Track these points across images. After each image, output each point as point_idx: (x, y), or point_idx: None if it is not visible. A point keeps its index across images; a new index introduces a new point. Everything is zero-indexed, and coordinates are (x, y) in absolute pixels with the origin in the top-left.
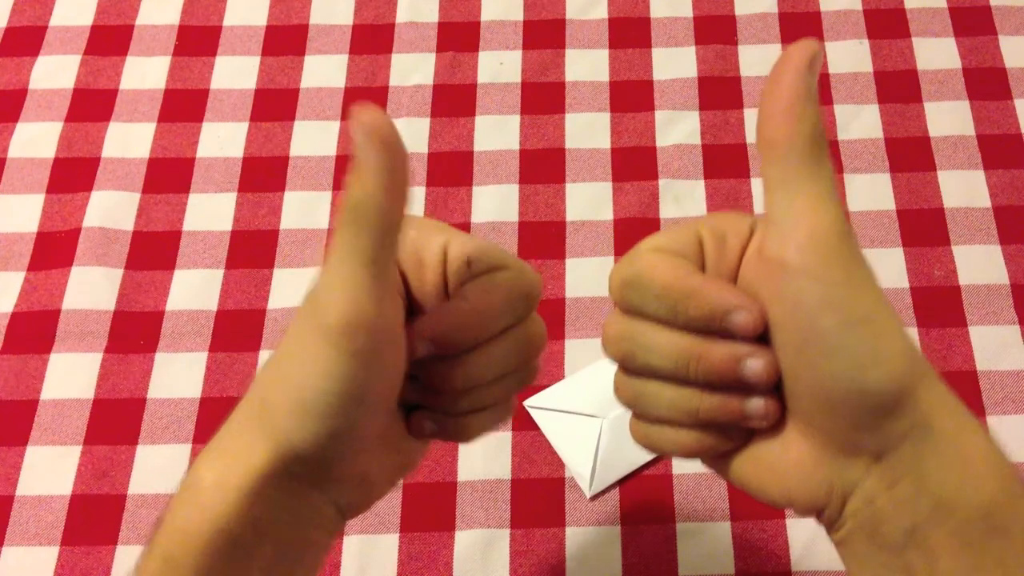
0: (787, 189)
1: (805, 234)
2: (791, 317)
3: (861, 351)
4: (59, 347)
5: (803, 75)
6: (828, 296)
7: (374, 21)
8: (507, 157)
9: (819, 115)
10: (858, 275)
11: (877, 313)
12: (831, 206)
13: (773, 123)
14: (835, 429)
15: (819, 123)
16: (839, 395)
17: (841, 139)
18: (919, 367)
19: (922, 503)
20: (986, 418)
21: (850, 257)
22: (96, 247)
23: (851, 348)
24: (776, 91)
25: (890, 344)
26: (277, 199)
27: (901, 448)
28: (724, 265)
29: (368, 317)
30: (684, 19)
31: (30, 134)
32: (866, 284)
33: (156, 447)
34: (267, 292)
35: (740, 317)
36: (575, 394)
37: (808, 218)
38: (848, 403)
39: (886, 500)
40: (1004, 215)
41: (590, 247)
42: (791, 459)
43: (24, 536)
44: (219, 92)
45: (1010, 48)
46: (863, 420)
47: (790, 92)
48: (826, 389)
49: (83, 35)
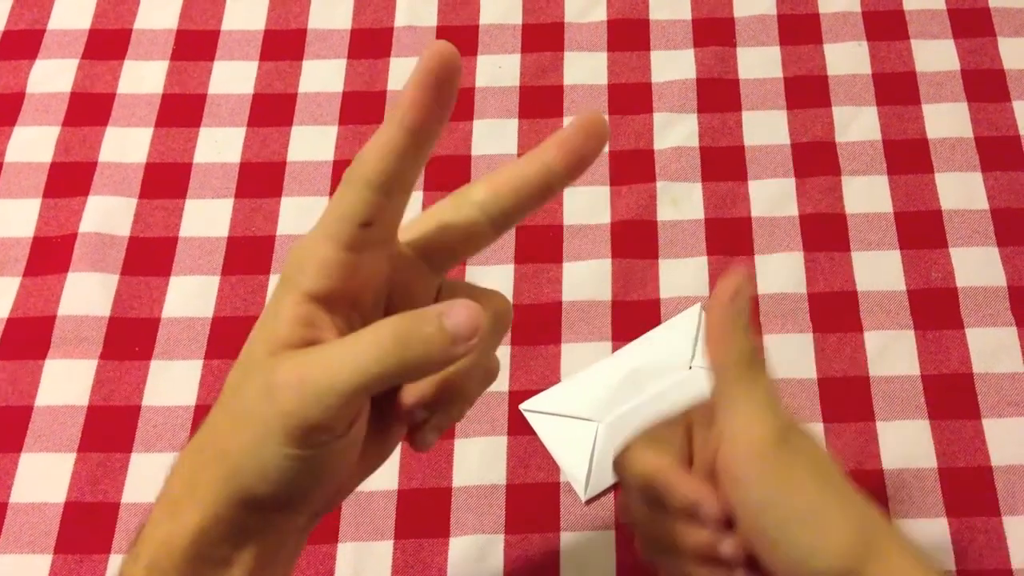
0: (728, 406)
1: (743, 449)
2: (742, 515)
3: (800, 544)
4: (54, 353)
5: (727, 308)
6: (764, 500)
7: (372, 25)
8: (505, 161)
9: (748, 338)
10: (796, 477)
11: (816, 509)
12: (767, 417)
13: (709, 350)
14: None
15: (748, 345)
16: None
17: (839, 141)
18: (868, 549)
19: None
20: (982, 421)
21: (787, 463)
22: (92, 252)
23: (791, 542)
24: (709, 323)
25: (830, 537)
26: (274, 205)
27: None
28: (708, 453)
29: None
30: (683, 21)
31: (27, 138)
32: (805, 484)
33: (150, 455)
34: (263, 299)
35: (703, 511)
36: (571, 398)
37: (744, 434)
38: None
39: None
40: (1002, 217)
41: (587, 250)
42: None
43: (17, 544)
44: (217, 97)
45: (1009, 50)
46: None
47: (719, 323)
48: (781, 571)
49: (81, 39)
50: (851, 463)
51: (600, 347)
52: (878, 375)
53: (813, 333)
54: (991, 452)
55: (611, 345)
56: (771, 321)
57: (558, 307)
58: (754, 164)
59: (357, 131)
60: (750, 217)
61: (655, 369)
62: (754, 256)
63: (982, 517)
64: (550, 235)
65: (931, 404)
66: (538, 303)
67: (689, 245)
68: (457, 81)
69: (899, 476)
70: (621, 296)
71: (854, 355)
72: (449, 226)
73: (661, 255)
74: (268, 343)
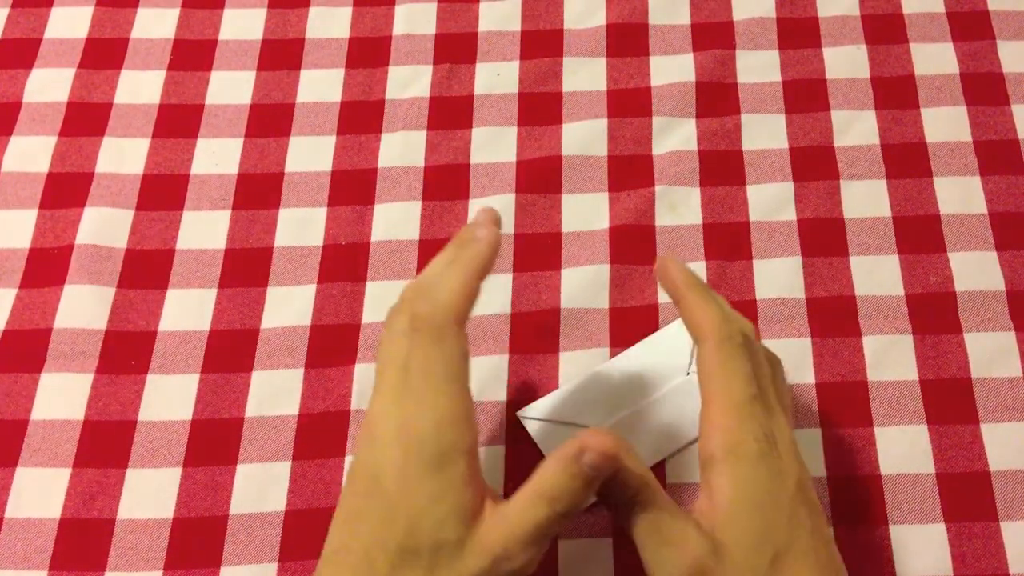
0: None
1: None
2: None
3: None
4: (50, 366)
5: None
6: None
7: (370, 34)
8: (504, 169)
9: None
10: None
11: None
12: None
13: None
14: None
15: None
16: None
17: (838, 145)
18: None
19: None
20: (981, 426)
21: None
22: (89, 265)
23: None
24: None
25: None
26: (272, 216)
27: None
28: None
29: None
30: (682, 26)
31: (23, 148)
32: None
33: (147, 471)
34: (260, 311)
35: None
36: (568, 404)
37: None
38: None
39: None
40: (1001, 221)
41: (586, 256)
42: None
43: (12, 560)
44: (214, 107)
45: (1008, 53)
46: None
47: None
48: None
49: (77, 48)
50: (849, 468)
51: (598, 354)
52: (876, 380)
53: (811, 338)
54: (989, 457)
55: (609, 352)
56: (769, 326)
57: (556, 314)
58: (752, 168)
59: (355, 141)
60: (748, 222)
61: (653, 375)
62: (752, 261)
63: (980, 522)
64: (548, 242)
65: (929, 409)
66: (536, 310)
67: (687, 250)
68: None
69: (897, 481)
70: (619, 303)
71: (852, 360)
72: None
73: None
74: (461, 516)
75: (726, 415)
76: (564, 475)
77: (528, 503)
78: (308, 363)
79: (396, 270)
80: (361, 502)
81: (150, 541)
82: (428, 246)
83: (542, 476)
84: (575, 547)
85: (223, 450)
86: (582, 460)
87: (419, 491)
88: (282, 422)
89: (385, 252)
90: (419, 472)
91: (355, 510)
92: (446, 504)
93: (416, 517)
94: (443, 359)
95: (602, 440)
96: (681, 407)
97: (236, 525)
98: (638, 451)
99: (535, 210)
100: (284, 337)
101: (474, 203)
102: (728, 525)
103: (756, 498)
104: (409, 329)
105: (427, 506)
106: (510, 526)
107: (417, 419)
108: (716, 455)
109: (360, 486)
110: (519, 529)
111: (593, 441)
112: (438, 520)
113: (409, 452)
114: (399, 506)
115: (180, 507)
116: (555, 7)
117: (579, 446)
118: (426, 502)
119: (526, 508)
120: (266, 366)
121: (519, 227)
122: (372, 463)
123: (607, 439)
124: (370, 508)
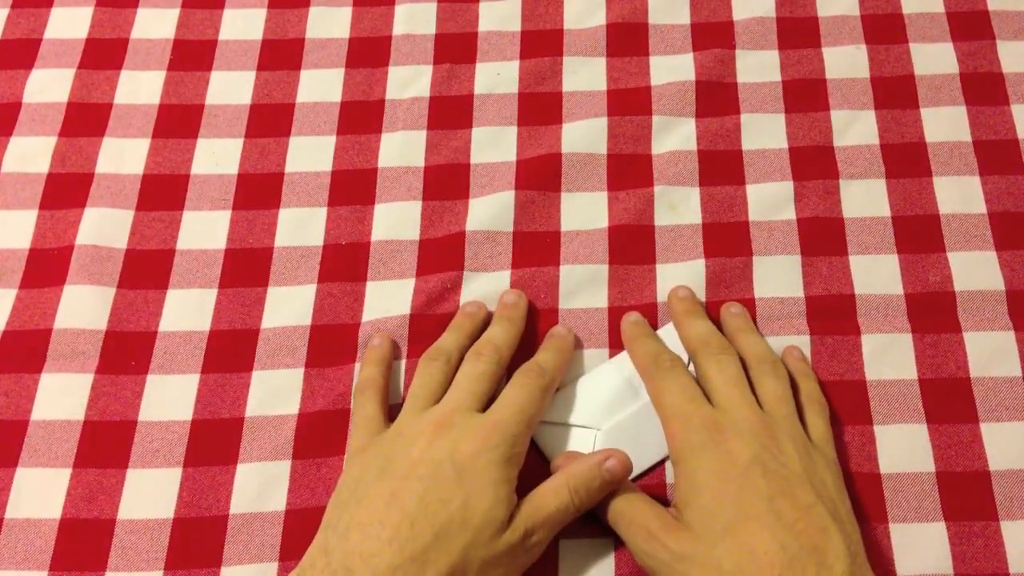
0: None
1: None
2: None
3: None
4: (50, 366)
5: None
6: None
7: (370, 34)
8: (504, 168)
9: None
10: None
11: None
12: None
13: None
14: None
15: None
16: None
17: (837, 145)
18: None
19: None
20: (980, 425)
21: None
22: (89, 265)
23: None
24: (623, 333)
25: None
26: (272, 216)
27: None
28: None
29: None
30: (682, 25)
31: (23, 148)
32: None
33: (147, 471)
34: (260, 311)
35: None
36: (569, 405)
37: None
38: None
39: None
40: (1000, 221)
41: (584, 255)
42: None
43: (12, 560)
44: (214, 107)
45: (1008, 53)
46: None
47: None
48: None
49: (77, 48)
50: (848, 467)
51: (597, 353)
52: (875, 379)
53: (811, 336)
54: (989, 456)
55: (608, 352)
56: (769, 324)
57: (555, 314)
58: (752, 168)
59: (355, 141)
60: (748, 221)
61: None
62: (752, 260)
63: (980, 522)
64: (547, 241)
65: (928, 408)
66: (535, 310)
67: (687, 250)
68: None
69: (896, 479)
70: (618, 302)
71: (851, 359)
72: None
73: (659, 260)
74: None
75: (668, 424)
76: (589, 473)
77: (556, 491)
78: (308, 363)
79: (396, 270)
80: (415, 483)
81: (150, 541)
82: (428, 246)
83: (570, 472)
84: (575, 547)
85: (223, 450)
86: (604, 465)
87: (487, 478)
88: (282, 422)
89: (385, 252)
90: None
91: (397, 490)
92: (504, 491)
93: (476, 499)
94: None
95: (623, 454)
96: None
97: (236, 525)
98: (640, 451)
99: (534, 208)
100: (284, 337)
101: (474, 203)
102: (685, 508)
103: (701, 481)
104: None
105: (488, 489)
106: (539, 508)
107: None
108: (673, 459)
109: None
110: (544, 512)
111: (617, 452)
112: (496, 501)
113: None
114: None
115: (180, 507)
116: (555, 7)
117: (606, 454)
118: (490, 487)
119: (554, 494)
120: (266, 366)
121: (519, 225)
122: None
123: (624, 454)
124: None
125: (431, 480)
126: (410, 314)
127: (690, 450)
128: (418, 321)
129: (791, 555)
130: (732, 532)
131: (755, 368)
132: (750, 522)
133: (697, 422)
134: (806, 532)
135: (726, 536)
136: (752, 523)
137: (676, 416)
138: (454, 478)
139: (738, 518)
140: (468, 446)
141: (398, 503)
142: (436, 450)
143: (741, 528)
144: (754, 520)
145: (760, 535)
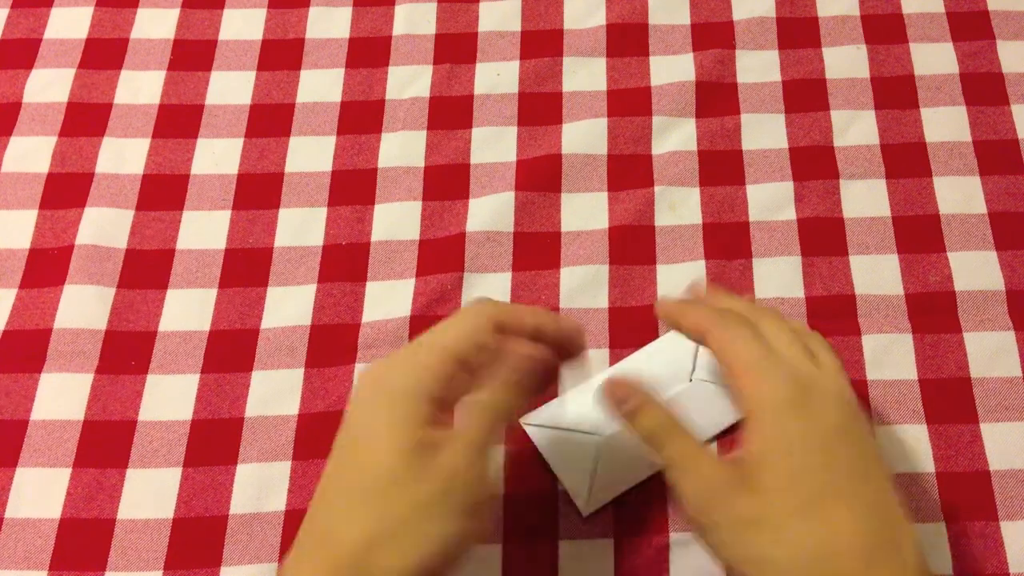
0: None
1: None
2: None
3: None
4: (50, 366)
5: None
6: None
7: (370, 34)
8: (504, 169)
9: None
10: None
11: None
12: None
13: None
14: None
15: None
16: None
17: (837, 145)
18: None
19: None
20: (980, 425)
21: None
22: (89, 265)
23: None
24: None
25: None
26: (272, 216)
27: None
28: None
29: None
30: (682, 26)
31: (23, 148)
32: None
33: (146, 471)
34: (260, 311)
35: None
36: (572, 411)
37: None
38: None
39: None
40: (1000, 221)
41: (585, 256)
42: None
43: (12, 560)
44: (214, 107)
45: (1008, 53)
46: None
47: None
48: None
49: (77, 48)
50: None
51: (598, 354)
52: (876, 379)
53: None
54: (989, 457)
55: (608, 352)
56: None
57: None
58: (752, 168)
59: (355, 141)
60: (748, 221)
61: (656, 382)
62: (752, 260)
63: (980, 522)
64: (547, 241)
65: (928, 408)
66: None
67: (687, 250)
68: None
69: (897, 479)
70: (619, 302)
71: (852, 359)
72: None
73: (659, 260)
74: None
75: (745, 376)
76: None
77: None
78: (308, 363)
79: (396, 270)
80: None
81: (150, 541)
82: (428, 246)
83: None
84: (575, 547)
85: (223, 450)
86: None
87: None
88: (282, 422)
89: (385, 252)
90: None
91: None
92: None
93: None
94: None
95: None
96: (685, 413)
97: (236, 525)
98: (644, 457)
99: (534, 209)
100: (284, 337)
101: (474, 203)
102: (760, 469)
103: (786, 443)
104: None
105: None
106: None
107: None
108: (750, 413)
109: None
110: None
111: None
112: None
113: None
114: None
115: (180, 507)
116: (555, 7)
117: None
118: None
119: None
120: (266, 366)
121: (518, 226)
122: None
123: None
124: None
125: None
126: (410, 315)
127: (774, 407)
128: (419, 322)
129: (873, 543)
130: (816, 506)
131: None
132: (837, 500)
133: (780, 376)
134: (886, 520)
135: (809, 509)
136: (839, 501)
137: (755, 367)
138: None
139: (823, 492)
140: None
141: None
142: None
143: (828, 504)
144: (840, 498)
145: (846, 516)
